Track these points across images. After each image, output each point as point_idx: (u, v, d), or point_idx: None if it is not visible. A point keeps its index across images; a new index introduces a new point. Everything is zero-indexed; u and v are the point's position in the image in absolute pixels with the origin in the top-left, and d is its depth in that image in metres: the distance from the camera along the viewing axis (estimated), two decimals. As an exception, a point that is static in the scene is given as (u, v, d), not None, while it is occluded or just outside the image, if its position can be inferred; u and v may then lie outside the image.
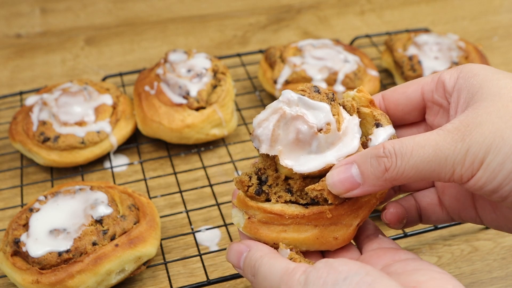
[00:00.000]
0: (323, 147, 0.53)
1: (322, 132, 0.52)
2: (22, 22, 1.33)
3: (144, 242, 0.72)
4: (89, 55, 1.23)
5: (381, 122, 0.56)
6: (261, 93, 1.09)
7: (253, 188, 0.56)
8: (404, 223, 0.59)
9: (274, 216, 0.54)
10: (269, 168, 0.56)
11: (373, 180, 0.50)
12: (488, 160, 0.46)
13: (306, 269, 0.47)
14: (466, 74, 0.52)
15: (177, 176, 0.92)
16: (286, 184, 0.56)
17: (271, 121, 0.53)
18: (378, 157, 0.49)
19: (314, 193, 0.53)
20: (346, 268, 0.45)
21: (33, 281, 0.68)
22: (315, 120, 0.53)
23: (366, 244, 0.57)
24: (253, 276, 0.52)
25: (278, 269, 0.49)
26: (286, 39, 1.28)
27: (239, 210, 0.57)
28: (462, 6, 1.39)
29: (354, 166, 0.50)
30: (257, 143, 0.54)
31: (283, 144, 0.53)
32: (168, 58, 0.99)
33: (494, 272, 0.77)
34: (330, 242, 0.55)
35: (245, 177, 0.56)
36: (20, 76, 1.16)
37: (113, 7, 1.39)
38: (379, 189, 0.51)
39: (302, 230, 0.54)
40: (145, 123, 0.94)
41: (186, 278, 0.77)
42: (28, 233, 0.71)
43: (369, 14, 1.36)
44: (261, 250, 0.53)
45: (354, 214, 0.54)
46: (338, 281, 0.44)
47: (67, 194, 0.76)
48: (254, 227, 0.55)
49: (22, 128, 0.92)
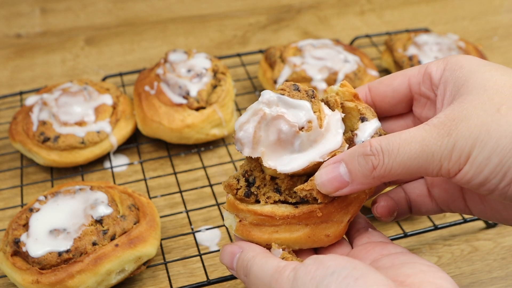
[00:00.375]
0: (306, 145, 0.53)
1: (304, 130, 0.52)
2: (22, 22, 1.33)
3: (144, 242, 0.72)
4: (89, 55, 1.23)
5: (366, 116, 0.56)
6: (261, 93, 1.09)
7: (242, 191, 0.56)
8: (395, 215, 0.60)
9: (265, 218, 0.54)
10: (255, 169, 0.56)
11: (361, 179, 0.50)
12: (474, 154, 0.46)
13: (295, 266, 0.48)
14: (452, 66, 0.52)
15: (177, 176, 0.92)
16: (274, 184, 0.56)
17: (252, 123, 0.53)
18: (365, 156, 0.49)
19: (303, 193, 0.53)
20: (334, 263, 0.45)
21: (33, 281, 0.68)
22: (295, 118, 0.53)
23: (357, 238, 0.57)
24: (246, 276, 0.52)
25: (269, 268, 0.49)
26: (286, 39, 1.28)
27: (230, 213, 0.57)
28: (462, 6, 1.39)
29: (342, 165, 0.50)
30: (239, 146, 0.54)
31: (265, 146, 0.53)
32: (168, 58, 0.99)
33: (494, 272, 0.77)
34: (322, 240, 0.55)
35: (233, 180, 0.56)
36: (20, 76, 1.16)
37: (113, 7, 1.39)
38: (368, 187, 0.51)
39: (294, 229, 0.54)
40: (145, 123, 0.94)
41: (186, 278, 0.77)
42: (28, 233, 0.71)
43: (369, 14, 1.36)
44: (254, 250, 0.53)
45: (344, 210, 0.55)
46: (326, 276, 0.44)
47: (67, 194, 0.76)
48: (246, 230, 0.55)
49: (22, 128, 0.92)
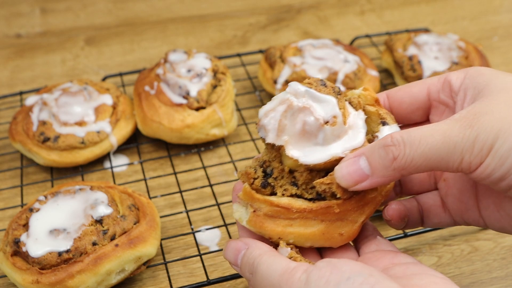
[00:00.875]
0: (329, 140, 0.52)
1: (329, 124, 0.52)
2: (22, 22, 1.33)
3: (144, 242, 0.72)
4: (89, 55, 1.23)
5: (387, 121, 0.55)
6: (261, 93, 1.09)
7: (259, 181, 0.55)
8: (406, 222, 0.59)
9: (281, 209, 0.53)
10: (274, 160, 0.55)
11: (381, 171, 0.49)
12: (497, 146, 0.46)
13: (307, 268, 0.47)
14: (473, 74, 0.52)
15: (177, 176, 0.92)
16: (291, 177, 0.55)
17: (278, 112, 0.53)
18: (386, 147, 0.48)
19: (322, 187, 0.52)
20: (349, 268, 0.45)
21: (33, 281, 0.68)
22: (321, 112, 0.52)
23: (365, 245, 0.56)
24: (252, 274, 0.51)
25: (278, 268, 0.48)
26: (286, 39, 1.28)
27: (241, 205, 0.56)
28: (462, 6, 1.39)
29: (362, 158, 0.50)
30: (263, 133, 0.53)
31: (289, 135, 0.52)
32: (168, 58, 0.99)
33: (494, 272, 0.77)
34: (335, 238, 0.54)
35: (250, 169, 0.55)
36: (20, 76, 1.16)
37: (113, 7, 1.39)
38: (388, 180, 0.50)
39: (309, 225, 0.53)
40: (145, 123, 0.94)
41: (186, 278, 0.77)
42: (28, 233, 0.71)
43: (369, 14, 1.36)
44: (260, 248, 0.52)
45: (360, 210, 0.54)
46: (341, 281, 0.43)
47: (67, 194, 0.76)
48: (259, 221, 0.54)
49: (22, 128, 0.92)
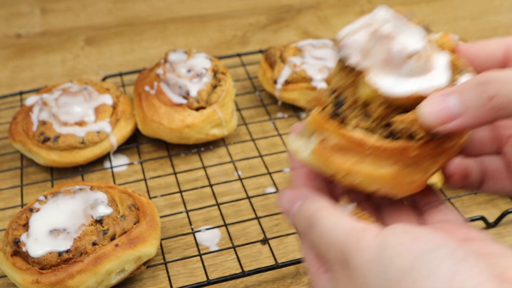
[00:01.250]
0: (414, 74, 0.48)
1: (414, 57, 0.47)
2: (22, 22, 1.33)
3: (144, 242, 0.72)
4: (89, 55, 1.23)
5: (467, 70, 0.50)
6: (261, 93, 1.09)
7: (329, 108, 0.49)
8: (466, 181, 0.54)
9: (353, 143, 0.47)
10: (347, 89, 0.49)
11: (474, 111, 0.43)
12: None
13: (381, 231, 0.41)
14: None
15: (177, 176, 0.92)
16: (365, 111, 0.49)
17: (362, 35, 0.48)
18: (482, 84, 0.43)
19: (402, 125, 0.46)
20: (431, 238, 0.39)
21: (33, 281, 0.68)
22: (409, 43, 0.48)
23: (429, 212, 0.51)
24: (309, 227, 0.46)
25: (344, 226, 0.43)
26: (286, 39, 1.28)
27: (301, 137, 0.50)
28: (462, 6, 1.39)
29: (452, 96, 0.44)
30: (345, 53, 0.48)
31: (372, 61, 0.48)
32: (168, 58, 0.99)
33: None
34: (404, 186, 0.49)
35: (322, 95, 0.49)
36: (20, 76, 1.16)
37: (113, 7, 1.39)
38: (479, 122, 0.44)
39: (381, 165, 0.47)
40: (145, 123, 0.94)
41: (186, 278, 0.77)
42: (28, 233, 0.71)
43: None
44: (320, 201, 0.47)
45: (434, 159, 0.48)
46: (424, 251, 0.38)
47: (67, 194, 0.76)
48: (326, 153, 0.48)
49: (22, 128, 0.92)
